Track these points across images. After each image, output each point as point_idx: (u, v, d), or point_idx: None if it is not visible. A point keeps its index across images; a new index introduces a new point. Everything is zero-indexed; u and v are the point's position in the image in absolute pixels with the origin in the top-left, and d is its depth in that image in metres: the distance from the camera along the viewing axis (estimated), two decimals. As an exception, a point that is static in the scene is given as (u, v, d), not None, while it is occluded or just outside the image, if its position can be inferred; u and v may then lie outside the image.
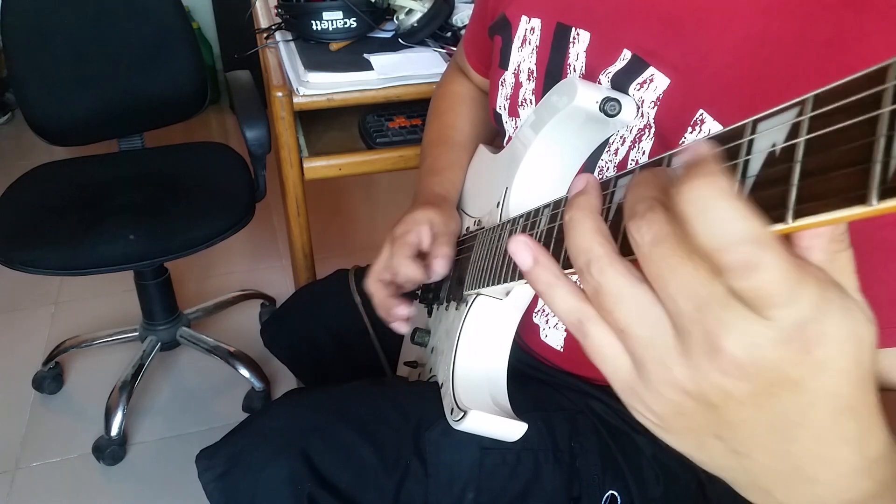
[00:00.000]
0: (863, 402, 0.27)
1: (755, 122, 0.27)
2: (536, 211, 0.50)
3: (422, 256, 0.71)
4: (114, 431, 1.48)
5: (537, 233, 0.49)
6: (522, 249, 0.33)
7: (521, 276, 0.51)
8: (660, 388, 0.28)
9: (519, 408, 0.59)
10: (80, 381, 1.71)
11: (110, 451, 1.48)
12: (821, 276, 0.25)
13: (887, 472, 0.29)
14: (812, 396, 0.26)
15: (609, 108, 0.54)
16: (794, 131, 0.26)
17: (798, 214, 0.24)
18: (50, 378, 1.66)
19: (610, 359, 0.30)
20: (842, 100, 0.24)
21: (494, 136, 0.90)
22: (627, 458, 0.68)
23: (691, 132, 0.51)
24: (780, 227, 0.25)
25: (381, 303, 0.73)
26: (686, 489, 0.69)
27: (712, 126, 0.50)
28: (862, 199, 0.22)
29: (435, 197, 0.77)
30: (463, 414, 0.57)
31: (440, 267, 0.69)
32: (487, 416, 0.57)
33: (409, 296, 0.74)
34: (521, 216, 0.54)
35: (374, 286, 0.73)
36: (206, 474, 0.65)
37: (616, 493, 0.67)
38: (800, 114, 0.26)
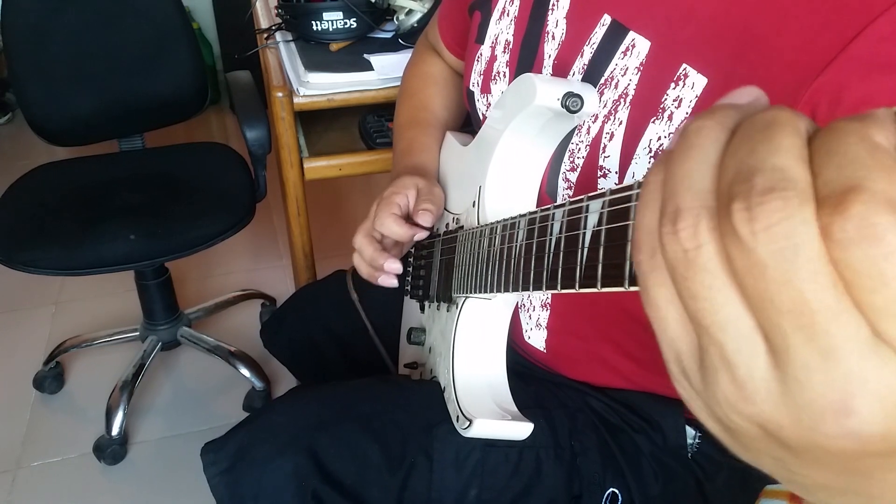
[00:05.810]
0: None
1: (589, 199, 0.36)
2: (513, 223, 0.51)
3: (409, 221, 0.71)
4: (114, 431, 1.48)
5: (516, 246, 0.49)
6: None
7: (506, 288, 0.52)
8: (729, 411, 0.21)
9: (521, 403, 0.60)
10: (80, 381, 1.71)
11: (111, 450, 1.48)
12: None
13: None
14: None
15: (571, 105, 0.54)
16: (598, 219, 0.35)
17: (603, 284, 0.34)
18: (51, 378, 1.66)
19: (671, 336, 0.22)
20: (623, 203, 0.32)
21: (465, 120, 0.89)
22: (626, 456, 0.68)
23: (674, 88, 0.51)
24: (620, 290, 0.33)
25: (369, 257, 0.72)
26: (684, 487, 0.69)
27: (696, 80, 0.49)
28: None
29: (419, 170, 0.78)
30: (469, 423, 0.57)
31: (425, 220, 0.69)
32: (493, 423, 0.57)
33: (400, 291, 0.74)
34: (499, 224, 0.55)
35: (362, 241, 0.73)
36: (210, 468, 0.65)
37: (617, 491, 0.68)
38: (602, 206, 0.35)
